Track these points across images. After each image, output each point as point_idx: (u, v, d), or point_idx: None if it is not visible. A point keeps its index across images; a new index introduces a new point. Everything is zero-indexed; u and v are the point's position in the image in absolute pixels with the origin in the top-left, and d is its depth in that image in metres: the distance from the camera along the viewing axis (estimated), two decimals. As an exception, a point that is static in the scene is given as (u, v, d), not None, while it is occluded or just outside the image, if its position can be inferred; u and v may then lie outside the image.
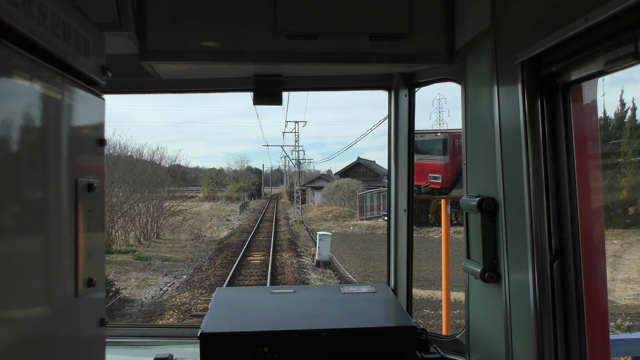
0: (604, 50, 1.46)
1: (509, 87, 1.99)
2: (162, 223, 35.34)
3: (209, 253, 27.70)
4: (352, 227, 38.35)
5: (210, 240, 33.62)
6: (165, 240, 33.40)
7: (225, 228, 41.51)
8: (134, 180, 32.61)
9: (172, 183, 42.84)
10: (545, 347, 1.80)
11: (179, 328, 3.41)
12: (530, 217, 1.84)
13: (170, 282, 20.57)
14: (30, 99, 1.32)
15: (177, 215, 37.28)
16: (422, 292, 17.42)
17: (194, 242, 32.18)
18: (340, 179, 59.17)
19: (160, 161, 43.47)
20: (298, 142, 57.11)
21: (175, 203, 38.47)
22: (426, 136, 5.72)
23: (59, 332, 1.50)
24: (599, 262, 1.82)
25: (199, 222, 40.01)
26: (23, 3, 1.23)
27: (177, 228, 35.60)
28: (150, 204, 33.76)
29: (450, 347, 2.76)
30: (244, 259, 24.06)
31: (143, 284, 20.06)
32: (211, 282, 19.43)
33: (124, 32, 2.39)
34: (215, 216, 51.38)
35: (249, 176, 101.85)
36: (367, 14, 2.61)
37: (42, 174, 1.39)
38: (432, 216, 32.84)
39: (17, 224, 1.25)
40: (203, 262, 24.61)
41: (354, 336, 2.35)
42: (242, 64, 2.73)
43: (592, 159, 1.82)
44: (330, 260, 23.52)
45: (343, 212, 46.21)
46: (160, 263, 23.22)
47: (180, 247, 30.30)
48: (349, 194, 51.51)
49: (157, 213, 34.51)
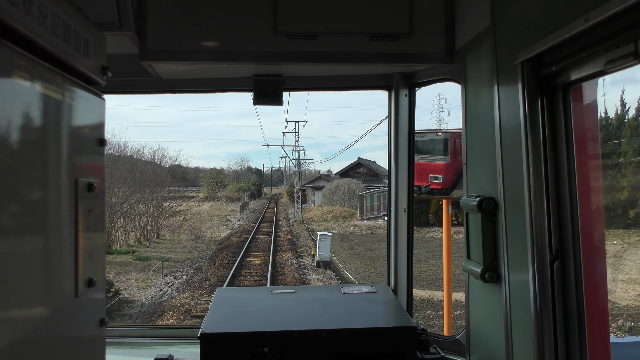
0: (604, 50, 1.46)
1: (509, 87, 1.99)
2: (162, 223, 35.34)
3: (209, 253, 27.69)
4: (352, 228, 38.32)
5: (211, 240, 33.54)
6: (165, 240, 33.37)
7: (225, 228, 41.52)
8: (134, 180, 32.64)
9: (172, 183, 42.83)
10: (545, 347, 1.79)
11: (179, 328, 3.41)
12: (530, 217, 1.84)
13: (170, 282, 20.60)
14: (30, 99, 1.32)
15: (177, 215, 37.24)
16: (422, 292, 17.40)
17: (194, 243, 32.19)
18: (340, 179, 59.09)
19: (161, 161, 43.59)
20: (298, 142, 57.43)
21: (175, 203, 38.47)
22: (427, 136, 5.70)
23: (59, 332, 1.50)
24: (599, 262, 1.82)
25: (199, 222, 40.09)
26: (23, 3, 1.23)
27: (177, 228, 35.60)
28: (151, 204, 33.92)
29: (451, 348, 2.76)
30: (244, 260, 24.07)
31: (143, 284, 20.09)
32: (211, 282, 19.44)
33: (124, 32, 2.39)
34: (216, 216, 51.37)
35: (249, 176, 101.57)
36: (367, 14, 2.61)
37: (42, 174, 1.39)
38: (432, 216, 32.86)
39: (18, 223, 1.25)
40: (203, 263, 24.62)
41: (354, 336, 2.35)
42: (242, 64, 2.73)
43: (593, 159, 1.81)
44: (331, 260, 23.50)
45: (343, 213, 46.13)
46: (160, 263, 23.29)
47: (181, 248, 30.24)
48: (349, 194, 51.55)
49: (157, 213, 34.44)
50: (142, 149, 55.86)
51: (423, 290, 17.74)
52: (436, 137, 5.68)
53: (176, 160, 52.10)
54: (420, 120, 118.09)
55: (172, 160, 48.06)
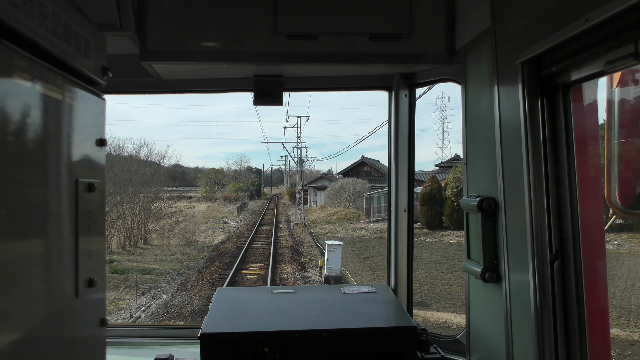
0: (604, 50, 1.46)
1: (509, 87, 1.99)
2: (153, 227, 31.97)
3: (200, 263, 24.35)
4: (358, 231, 34.92)
5: (204, 246, 30.32)
6: (153, 246, 29.75)
7: (221, 232, 38.52)
8: (112, 179, 28.96)
9: (164, 182, 38.79)
10: (545, 347, 1.80)
11: (180, 328, 3.41)
12: (530, 217, 1.84)
13: (146, 304, 16.81)
14: (30, 100, 1.32)
15: (169, 217, 33.85)
16: (458, 317, 13.91)
17: (185, 249, 28.76)
18: (344, 179, 54.86)
19: (148, 157, 39.32)
20: (300, 138, 53.65)
21: (166, 204, 34.90)
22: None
23: (59, 332, 1.50)
24: (599, 262, 1.82)
25: (193, 225, 36.69)
26: (24, 3, 1.23)
27: (167, 232, 32.03)
28: (137, 206, 30.76)
29: (451, 348, 2.76)
30: (237, 273, 20.60)
31: (112, 307, 16.14)
32: (194, 307, 16.05)
33: (125, 33, 2.39)
34: (212, 218, 48.49)
35: (248, 176, 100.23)
36: (367, 14, 2.61)
37: (42, 175, 1.40)
38: (446, 219, 30.11)
39: (18, 224, 1.25)
40: (190, 276, 21.00)
41: (355, 336, 2.35)
42: (243, 64, 2.73)
43: (593, 159, 1.82)
44: (342, 275, 19.78)
45: (348, 214, 42.89)
46: (139, 277, 19.91)
47: (169, 255, 26.87)
48: (354, 195, 48.37)
49: (144, 216, 30.83)
50: (123, 144, 51.45)
51: (458, 313, 14.26)
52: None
53: (164, 157, 46.17)
54: (424, 119, 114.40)
55: (159, 157, 42.35)
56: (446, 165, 56.19)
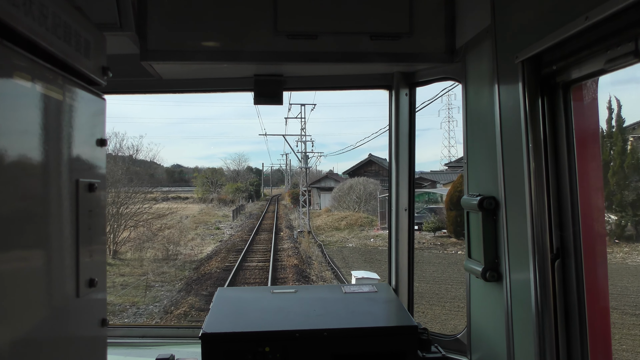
0: (605, 48, 1.46)
1: (510, 86, 1.99)
2: (128, 235, 25.66)
3: (170, 295, 17.48)
4: (372, 239, 29.09)
5: (185, 261, 24.25)
6: (122, 262, 23.25)
7: (211, 240, 31.85)
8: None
9: (144, 183, 30.95)
10: (546, 345, 1.79)
11: (181, 328, 3.41)
12: (531, 216, 1.84)
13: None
14: (31, 100, 1.32)
15: (142, 225, 26.89)
16: None
17: (161, 266, 22.49)
18: (354, 179, 47.57)
19: (117, 152, 30.79)
20: (305, 131, 44.50)
21: (145, 206, 27.88)
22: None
23: (60, 332, 1.50)
24: (600, 260, 1.82)
25: (178, 232, 30.18)
26: (24, 3, 1.23)
27: (142, 244, 25.66)
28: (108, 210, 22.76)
29: (452, 347, 2.76)
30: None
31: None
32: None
33: (125, 32, 2.39)
34: (203, 223, 41.14)
35: (247, 176, 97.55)
36: (367, 13, 2.61)
37: (43, 174, 1.39)
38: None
39: (19, 224, 1.25)
40: (148, 321, 14.21)
41: (356, 336, 2.35)
42: (243, 64, 2.73)
43: (593, 158, 1.82)
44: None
45: (359, 219, 36.20)
46: None
47: (138, 276, 20.10)
48: (365, 197, 41.76)
49: (114, 222, 24.29)
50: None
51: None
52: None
53: (137, 150, 35.57)
54: (428, 117, 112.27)
55: (131, 151, 33.49)
56: (455, 165, 54.12)
